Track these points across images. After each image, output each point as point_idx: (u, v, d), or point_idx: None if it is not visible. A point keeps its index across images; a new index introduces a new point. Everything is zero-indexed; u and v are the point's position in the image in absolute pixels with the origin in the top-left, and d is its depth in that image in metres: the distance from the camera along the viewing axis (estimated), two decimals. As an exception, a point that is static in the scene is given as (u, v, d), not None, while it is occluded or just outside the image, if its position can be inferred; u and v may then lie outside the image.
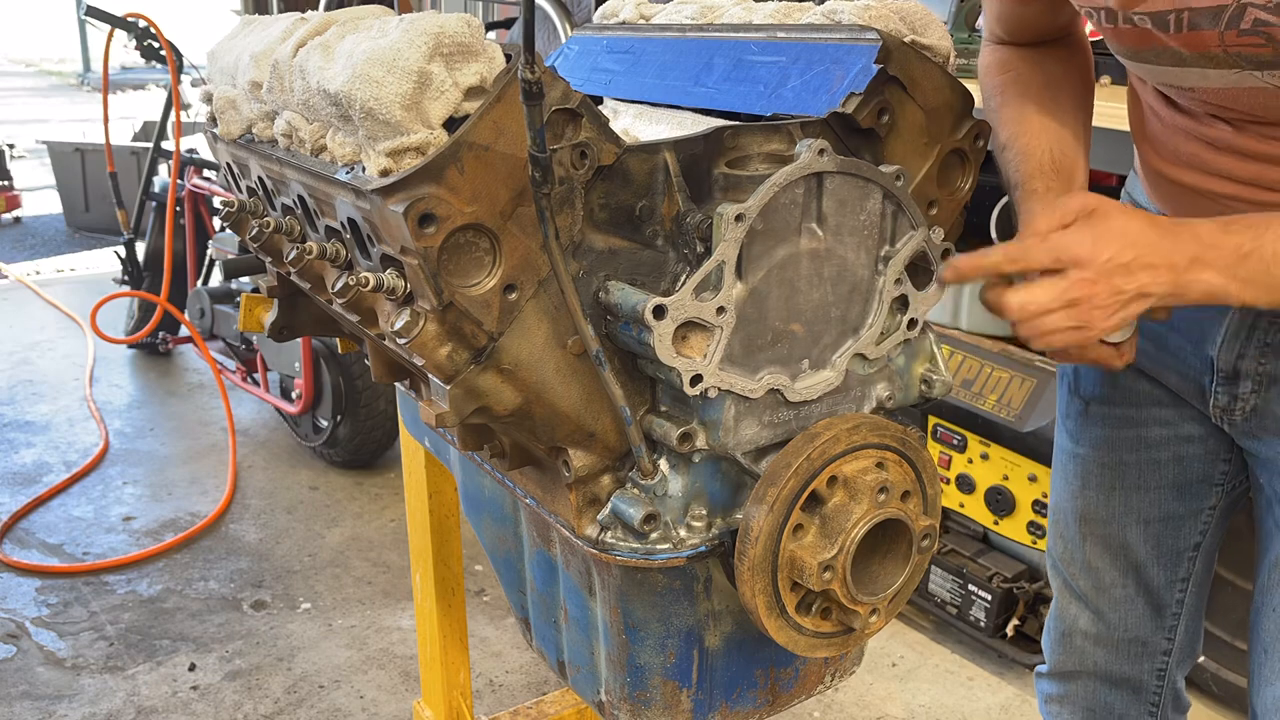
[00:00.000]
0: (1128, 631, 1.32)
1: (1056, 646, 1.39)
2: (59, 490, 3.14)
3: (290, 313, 1.30)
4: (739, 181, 0.87)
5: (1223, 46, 0.90)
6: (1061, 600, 1.37)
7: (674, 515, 0.90)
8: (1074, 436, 1.30)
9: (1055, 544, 1.36)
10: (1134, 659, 1.33)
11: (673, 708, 1.00)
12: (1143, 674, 1.34)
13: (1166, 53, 0.96)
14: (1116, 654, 1.33)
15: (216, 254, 3.61)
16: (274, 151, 1.00)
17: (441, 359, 0.82)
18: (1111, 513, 1.28)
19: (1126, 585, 1.30)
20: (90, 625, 2.51)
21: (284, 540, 2.91)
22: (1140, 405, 1.23)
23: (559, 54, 1.32)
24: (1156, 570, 1.28)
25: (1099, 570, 1.31)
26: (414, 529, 1.60)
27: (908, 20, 0.95)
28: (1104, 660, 1.34)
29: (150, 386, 4.02)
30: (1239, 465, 1.22)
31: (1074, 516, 1.31)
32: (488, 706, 2.26)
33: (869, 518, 0.86)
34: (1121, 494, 1.27)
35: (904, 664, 2.42)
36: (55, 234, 6.37)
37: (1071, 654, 1.37)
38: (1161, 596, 1.30)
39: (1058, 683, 1.41)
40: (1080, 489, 1.30)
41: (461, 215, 0.77)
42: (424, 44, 0.76)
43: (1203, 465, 1.23)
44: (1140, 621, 1.31)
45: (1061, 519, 1.34)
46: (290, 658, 2.41)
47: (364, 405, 3.12)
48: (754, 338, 0.87)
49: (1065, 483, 1.32)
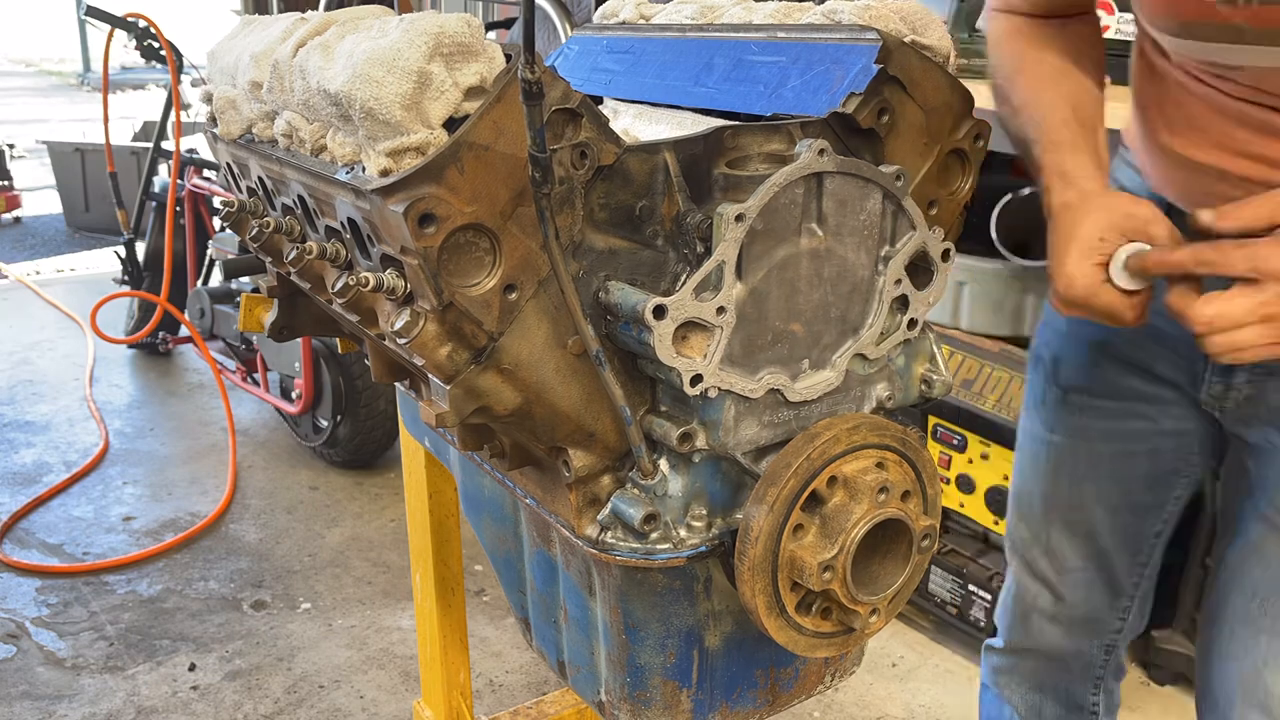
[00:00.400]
0: (1084, 611, 1.35)
1: (1014, 625, 1.41)
2: (59, 490, 3.15)
3: (290, 313, 1.30)
4: (739, 181, 0.87)
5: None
6: (1021, 581, 1.39)
7: (674, 515, 0.90)
8: (1048, 424, 1.31)
9: (1017, 527, 1.37)
10: (1086, 636, 1.37)
11: (673, 708, 1.00)
12: (1092, 649, 1.38)
13: (1226, 28, 0.93)
14: (1070, 631, 1.37)
15: (216, 254, 3.61)
16: (274, 151, 1.00)
17: (441, 359, 0.82)
18: (1081, 500, 1.29)
19: (1088, 569, 1.33)
20: (90, 625, 2.51)
21: (284, 540, 2.91)
22: (1122, 398, 1.24)
23: (559, 54, 1.32)
24: (1119, 556, 1.31)
25: (1062, 554, 1.33)
26: (414, 529, 1.60)
27: (908, 20, 0.95)
28: (1058, 638, 1.38)
29: (150, 386, 4.02)
30: (1207, 456, 1.24)
31: (1040, 501, 1.33)
32: (488, 706, 2.26)
33: (869, 518, 0.86)
34: (1093, 483, 1.28)
35: (904, 664, 2.42)
36: (55, 234, 6.37)
37: (1028, 633, 1.40)
38: (1120, 580, 1.33)
39: (1009, 657, 1.44)
40: (1051, 475, 1.31)
41: (461, 215, 0.77)
42: (424, 44, 0.76)
43: (1175, 458, 1.25)
44: (1097, 603, 1.34)
45: (1026, 503, 1.35)
46: (290, 658, 2.41)
47: (364, 405, 3.12)
48: (754, 338, 0.87)
49: (1034, 468, 1.33)
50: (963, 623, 2.36)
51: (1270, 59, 0.93)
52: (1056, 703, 1.41)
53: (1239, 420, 1.15)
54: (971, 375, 2.28)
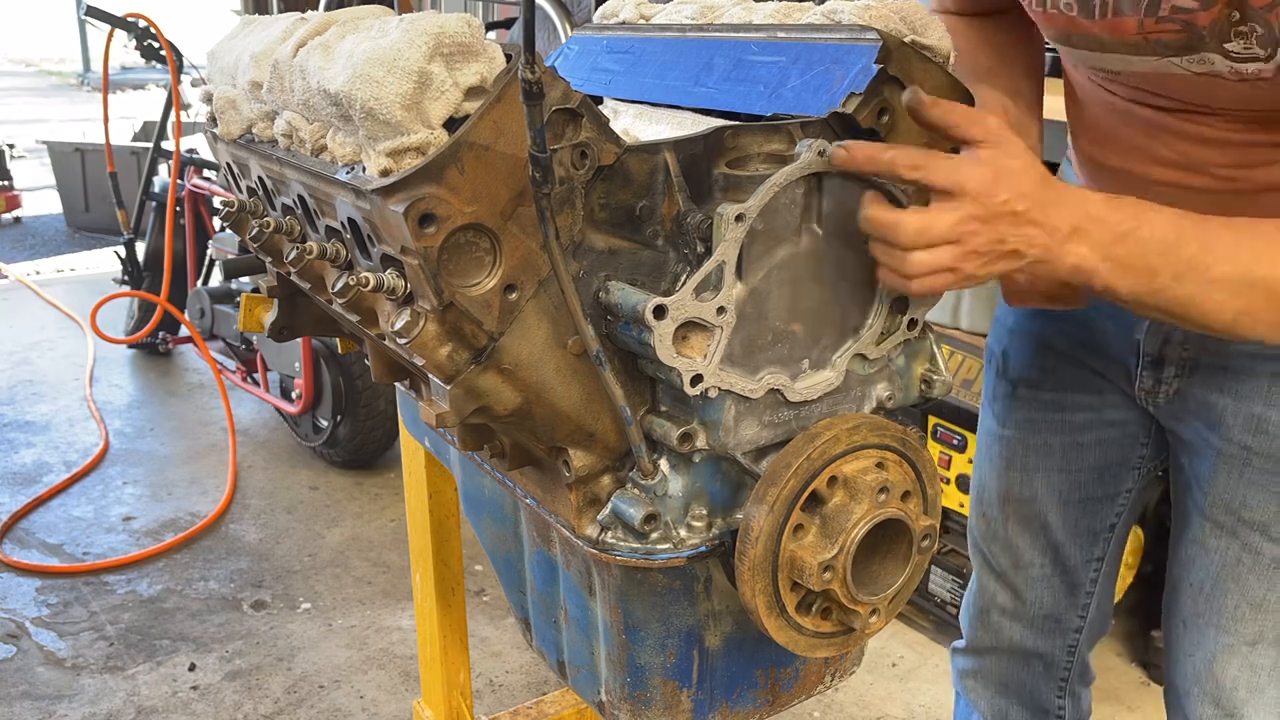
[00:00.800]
0: (1043, 608, 1.35)
1: (974, 623, 1.42)
2: (59, 490, 3.15)
3: (290, 313, 1.30)
4: (739, 181, 0.87)
5: (1142, 34, 0.91)
6: (981, 577, 1.40)
7: (674, 515, 0.90)
8: (1000, 418, 1.32)
9: (977, 522, 1.38)
10: (1048, 635, 1.37)
11: (673, 708, 1.00)
12: (1055, 649, 1.38)
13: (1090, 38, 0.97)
14: (1031, 630, 1.37)
15: (216, 254, 3.61)
16: (274, 151, 1.00)
17: (442, 359, 0.82)
18: (1033, 493, 1.31)
19: (1044, 564, 1.33)
20: (90, 625, 2.51)
21: (284, 540, 2.91)
22: (1066, 389, 1.25)
23: (559, 54, 1.32)
24: (1074, 549, 1.32)
25: (1019, 549, 1.34)
26: (414, 529, 1.60)
27: (908, 20, 0.95)
28: (1019, 636, 1.38)
29: (150, 386, 4.02)
30: (1155, 449, 1.25)
31: (997, 496, 1.34)
32: (488, 706, 2.26)
33: (869, 518, 0.87)
34: (1044, 475, 1.30)
35: (904, 664, 2.42)
36: (55, 234, 6.37)
37: (988, 630, 1.40)
38: (1077, 575, 1.33)
39: (973, 658, 1.44)
40: (1004, 469, 1.32)
41: (462, 215, 0.77)
42: (424, 44, 0.76)
43: (1122, 449, 1.26)
44: (1056, 599, 1.35)
45: (984, 498, 1.36)
46: (290, 658, 2.41)
47: (364, 405, 3.12)
48: (754, 338, 0.87)
49: (990, 463, 1.35)
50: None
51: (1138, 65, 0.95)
52: (1022, 707, 1.41)
53: (1171, 415, 1.16)
54: (971, 375, 2.28)
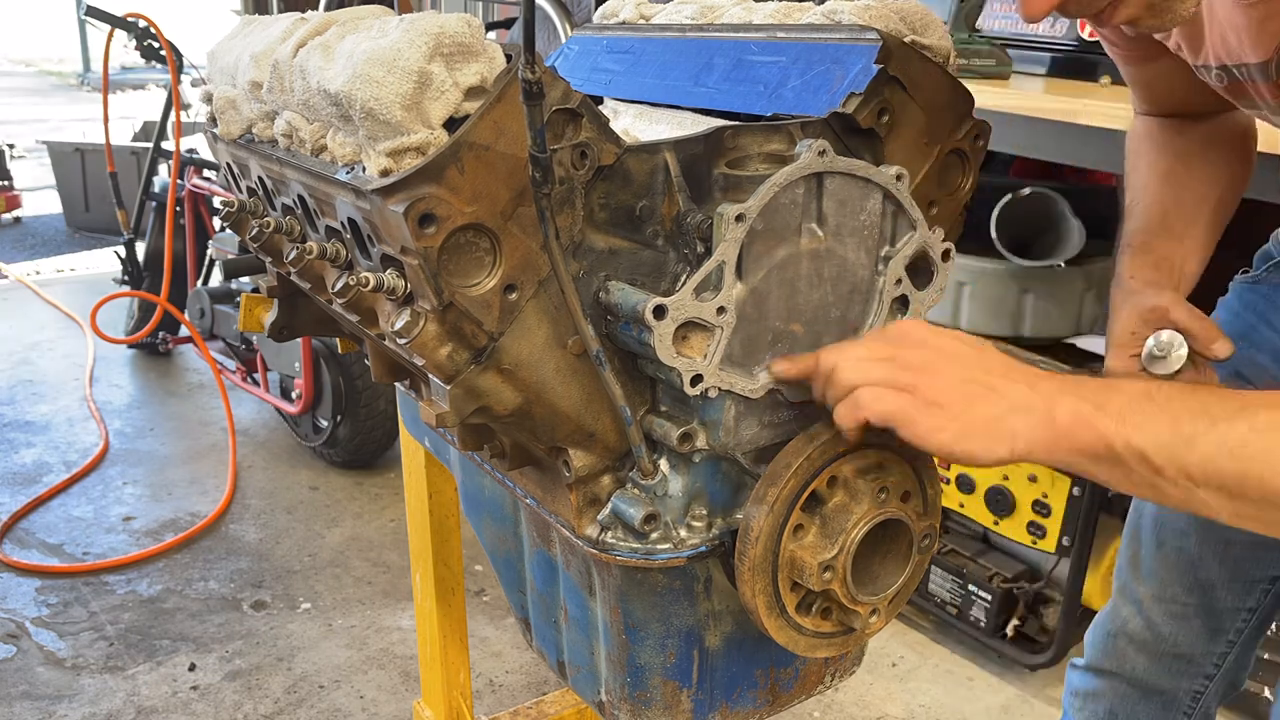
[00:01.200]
0: (1176, 646, 1.29)
1: (1099, 644, 1.37)
2: (59, 490, 3.14)
3: (290, 313, 1.30)
4: (739, 181, 0.87)
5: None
6: (1116, 601, 1.35)
7: (674, 515, 0.90)
8: None
9: (1126, 546, 1.33)
10: (1174, 675, 1.31)
11: (673, 708, 1.00)
12: (1179, 690, 1.31)
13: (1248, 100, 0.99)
14: (1158, 665, 1.31)
15: (216, 254, 3.61)
16: (274, 151, 1.00)
17: (442, 359, 0.82)
18: (1192, 525, 1.24)
19: (1189, 602, 1.27)
20: (90, 625, 2.51)
21: (284, 540, 2.91)
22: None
23: (559, 54, 1.32)
24: (1225, 594, 1.25)
25: (1164, 581, 1.28)
26: (414, 529, 1.60)
27: (908, 20, 0.95)
28: (1143, 668, 1.32)
29: (150, 386, 4.02)
30: None
31: (1152, 522, 1.28)
32: (488, 706, 2.26)
33: (869, 518, 0.86)
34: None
35: (904, 664, 2.42)
36: (55, 234, 6.36)
37: (1112, 654, 1.35)
38: (1223, 621, 1.27)
39: (1090, 677, 1.39)
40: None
41: (462, 215, 0.77)
42: (424, 44, 0.76)
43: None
44: (1192, 640, 1.29)
45: (1138, 522, 1.31)
46: (290, 658, 2.41)
47: (364, 405, 3.12)
48: (754, 338, 0.87)
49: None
50: (963, 623, 2.36)
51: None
52: None
53: None
54: (971, 375, 2.28)
